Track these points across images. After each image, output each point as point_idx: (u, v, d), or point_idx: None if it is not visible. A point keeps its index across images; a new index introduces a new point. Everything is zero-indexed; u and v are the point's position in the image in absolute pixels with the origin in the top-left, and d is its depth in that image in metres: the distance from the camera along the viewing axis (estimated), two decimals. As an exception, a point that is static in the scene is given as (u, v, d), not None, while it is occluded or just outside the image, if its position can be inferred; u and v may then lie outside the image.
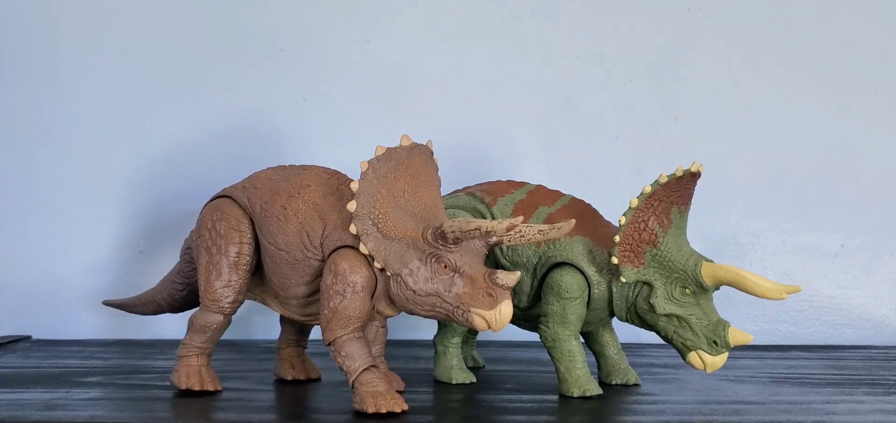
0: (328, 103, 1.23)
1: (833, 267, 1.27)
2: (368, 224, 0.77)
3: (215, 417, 0.77)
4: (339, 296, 0.78)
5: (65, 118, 1.20)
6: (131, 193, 1.21)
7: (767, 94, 1.27)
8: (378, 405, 0.75)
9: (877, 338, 1.27)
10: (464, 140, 1.23)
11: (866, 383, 0.97)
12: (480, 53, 1.25)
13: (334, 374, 0.91)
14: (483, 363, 1.03)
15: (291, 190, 0.83)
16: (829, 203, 1.27)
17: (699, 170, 0.85)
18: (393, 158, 0.79)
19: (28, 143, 1.20)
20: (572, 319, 0.87)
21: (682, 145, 1.24)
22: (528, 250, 0.89)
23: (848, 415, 0.82)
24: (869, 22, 1.28)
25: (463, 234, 0.75)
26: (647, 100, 1.26)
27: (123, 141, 1.21)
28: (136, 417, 0.76)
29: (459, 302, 0.75)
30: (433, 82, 1.24)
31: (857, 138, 1.27)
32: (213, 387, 0.85)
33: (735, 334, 0.84)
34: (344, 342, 0.78)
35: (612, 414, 0.81)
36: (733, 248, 1.26)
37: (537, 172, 1.18)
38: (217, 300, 0.84)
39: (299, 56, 1.23)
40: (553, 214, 0.90)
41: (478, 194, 0.93)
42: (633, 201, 0.86)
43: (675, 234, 0.86)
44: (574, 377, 0.87)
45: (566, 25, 1.25)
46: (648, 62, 1.26)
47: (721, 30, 1.26)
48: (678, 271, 0.85)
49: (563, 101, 1.26)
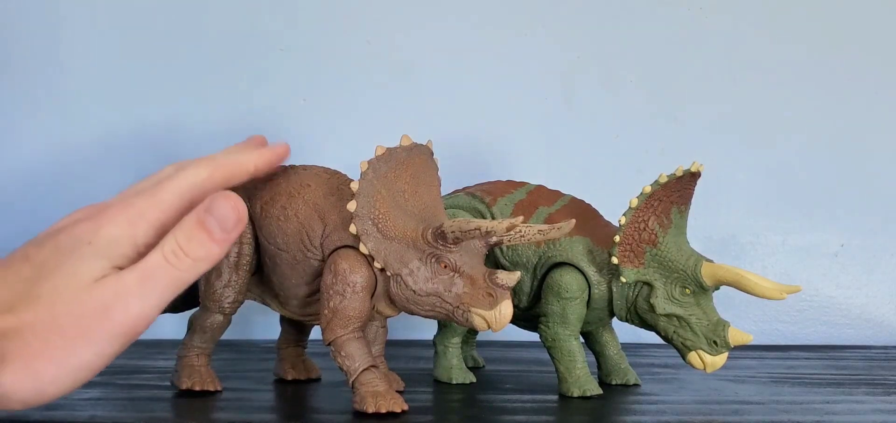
0: (328, 103, 1.23)
1: (833, 267, 1.28)
2: (368, 224, 0.77)
3: (215, 417, 0.77)
4: (339, 296, 0.78)
5: (65, 118, 1.20)
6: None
7: (767, 94, 1.27)
8: (378, 405, 0.75)
9: (877, 338, 1.27)
10: (464, 140, 1.23)
11: (866, 383, 0.97)
12: (481, 54, 1.25)
13: (334, 374, 0.91)
14: (483, 363, 1.03)
15: (291, 190, 0.83)
16: (829, 203, 1.27)
17: (699, 170, 0.85)
18: (393, 158, 0.79)
19: (28, 143, 1.20)
20: (572, 319, 0.87)
21: (682, 145, 1.24)
22: (527, 250, 0.89)
23: (848, 415, 0.82)
24: (869, 22, 1.28)
25: (463, 234, 0.75)
26: (647, 100, 1.26)
27: (124, 141, 1.21)
28: (136, 417, 0.76)
29: (459, 302, 0.75)
30: (433, 82, 1.24)
31: (857, 139, 1.27)
32: (213, 387, 0.85)
33: (735, 334, 0.84)
34: (344, 342, 0.78)
35: (612, 414, 0.81)
36: (733, 248, 1.26)
37: (537, 172, 1.17)
38: (217, 300, 0.84)
39: (299, 56, 1.23)
40: (553, 214, 0.90)
41: (477, 194, 0.93)
42: (633, 201, 0.86)
43: (675, 234, 0.86)
44: (574, 376, 0.87)
45: (566, 25, 1.25)
46: (648, 62, 1.26)
47: (721, 30, 1.27)
48: (678, 270, 0.85)
49: (563, 101, 1.26)
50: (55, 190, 1.21)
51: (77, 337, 0.62)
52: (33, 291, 0.63)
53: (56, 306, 0.62)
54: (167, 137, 1.21)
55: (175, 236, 0.65)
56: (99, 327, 0.63)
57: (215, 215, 0.65)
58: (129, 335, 0.64)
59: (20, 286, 0.64)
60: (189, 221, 0.65)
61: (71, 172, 1.21)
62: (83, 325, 0.62)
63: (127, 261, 0.66)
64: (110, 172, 1.20)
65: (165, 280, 0.64)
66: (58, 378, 0.62)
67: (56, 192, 1.21)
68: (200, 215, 0.65)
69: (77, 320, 0.62)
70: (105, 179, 1.20)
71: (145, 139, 1.21)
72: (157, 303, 0.64)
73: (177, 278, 0.65)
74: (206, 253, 0.65)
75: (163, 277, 0.64)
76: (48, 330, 0.62)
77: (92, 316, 0.62)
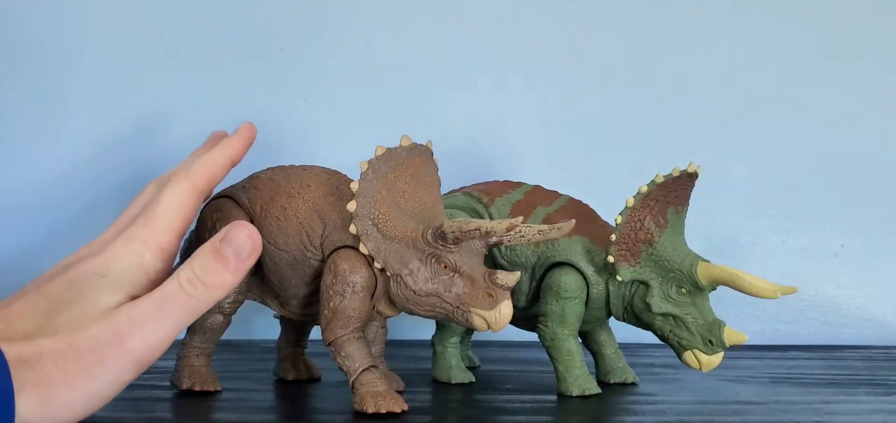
0: (328, 103, 1.23)
1: (833, 267, 1.28)
2: (368, 224, 0.77)
3: (215, 417, 0.77)
4: (338, 296, 0.78)
5: (65, 119, 1.21)
6: (133, 194, 1.20)
7: (767, 94, 1.27)
8: (378, 406, 0.76)
9: (877, 338, 1.27)
10: (464, 140, 1.23)
11: (866, 383, 0.97)
12: (480, 53, 1.25)
13: (334, 374, 0.91)
14: (478, 362, 1.03)
15: (291, 190, 0.83)
16: (829, 203, 1.27)
17: (696, 170, 0.85)
18: (393, 158, 0.79)
19: (29, 142, 1.20)
20: (571, 318, 0.87)
21: (681, 145, 1.24)
22: (526, 251, 0.89)
23: (848, 415, 0.82)
24: (869, 22, 1.28)
25: (463, 234, 0.75)
26: (647, 100, 1.26)
27: (124, 141, 1.21)
28: (136, 417, 0.76)
29: (459, 302, 0.75)
30: (433, 82, 1.24)
31: (856, 139, 1.27)
32: (213, 387, 0.85)
33: (730, 333, 0.84)
34: (344, 343, 0.78)
35: (611, 414, 0.81)
36: (733, 248, 1.26)
37: (537, 172, 1.17)
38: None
39: (299, 56, 1.23)
40: (551, 214, 0.90)
41: (475, 194, 0.93)
42: (630, 201, 0.86)
43: (671, 234, 0.87)
44: (573, 376, 0.87)
45: (566, 25, 1.25)
46: (648, 62, 1.26)
47: (721, 30, 1.27)
48: (674, 270, 0.85)
49: (563, 101, 1.26)
50: (56, 191, 1.21)
51: (94, 364, 0.63)
52: (50, 322, 0.65)
53: (73, 335, 0.63)
54: (167, 137, 1.21)
55: (191, 265, 0.67)
56: (115, 354, 0.64)
57: (232, 245, 0.67)
58: (143, 362, 0.65)
59: (36, 317, 0.65)
60: (205, 250, 0.67)
61: (71, 173, 1.21)
62: (100, 352, 0.64)
63: (141, 289, 0.69)
64: (111, 172, 1.20)
65: (181, 308, 0.66)
66: (71, 404, 0.63)
67: (58, 193, 1.21)
68: (216, 245, 0.67)
69: (93, 347, 0.63)
70: (106, 180, 1.20)
71: (145, 139, 1.21)
72: (172, 330, 0.66)
73: (192, 306, 0.67)
74: (221, 281, 0.67)
75: (179, 304, 0.66)
76: (65, 358, 0.63)
77: (108, 343, 0.64)
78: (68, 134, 1.20)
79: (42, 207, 1.20)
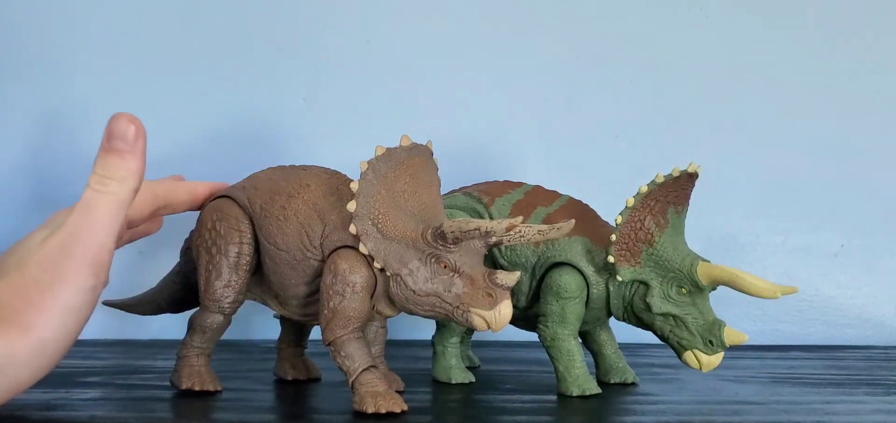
0: (328, 103, 1.23)
1: (833, 267, 1.28)
2: (368, 224, 0.77)
3: (215, 417, 0.77)
4: (338, 296, 0.78)
5: (65, 118, 1.20)
6: (132, 194, 1.21)
7: (767, 94, 1.27)
8: (378, 406, 0.75)
9: (877, 338, 1.27)
10: (464, 140, 1.23)
11: (866, 383, 0.97)
12: (481, 53, 1.25)
13: (334, 374, 0.91)
14: (478, 362, 1.03)
15: (291, 190, 0.83)
16: (828, 203, 1.27)
17: (696, 170, 0.85)
18: (393, 158, 0.79)
19: (29, 141, 1.20)
20: (571, 318, 0.87)
21: (682, 146, 1.24)
22: (526, 251, 0.89)
23: (848, 415, 0.82)
24: (868, 23, 1.28)
25: (463, 234, 0.75)
26: (646, 100, 1.26)
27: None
28: (136, 417, 0.76)
29: (459, 302, 0.75)
30: (433, 82, 1.24)
31: (856, 139, 1.27)
32: (213, 387, 0.85)
33: (730, 333, 0.84)
34: (344, 342, 0.78)
35: (611, 414, 0.81)
36: (733, 248, 1.26)
37: (537, 172, 1.18)
38: (217, 300, 0.84)
39: (299, 56, 1.23)
40: (551, 214, 0.90)
41: (475, 194, 0.93)
42: (630, 201, 0.86)
43: (671, 234, 0.87)
44: (573, 376, 0.87)
45: (566, 25, 1.25)
46: (648, 62, 1.26)
47: (721, 30, 1.27)
48: (674, 270, 0.85)
49: (563, 101, 1.26)
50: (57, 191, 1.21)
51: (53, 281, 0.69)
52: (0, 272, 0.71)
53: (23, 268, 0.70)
54: (167, 137, 1.21)
55: (94, 170, 0.72)
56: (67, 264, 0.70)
57: (117, 137, 0.72)
58: (96, 263, 0.70)
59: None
60: (99, 154, 0.73)
61: (71, 173, 1.21)
62: (53, 269, 0.69)
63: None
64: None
65: (107, 206, 0.72)
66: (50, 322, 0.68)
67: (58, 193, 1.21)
68: (104, 145, 0.73)
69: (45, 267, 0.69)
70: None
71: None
72: (108, 228, 0.72)
73: (115, 200, 0.72)
74: (126, 168, 0.72)
75: (100, 204, 0.72)
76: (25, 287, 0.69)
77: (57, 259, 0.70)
78: (66, 133, 1.20)
79: (43, 205, 1.20)
